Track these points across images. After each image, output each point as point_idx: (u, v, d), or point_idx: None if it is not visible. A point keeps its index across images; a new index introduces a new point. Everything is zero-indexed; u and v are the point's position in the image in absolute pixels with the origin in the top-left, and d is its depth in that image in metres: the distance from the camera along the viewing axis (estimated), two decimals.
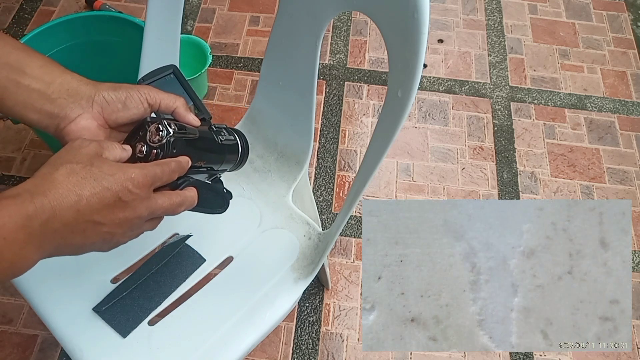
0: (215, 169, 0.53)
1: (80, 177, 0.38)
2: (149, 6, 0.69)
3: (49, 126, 0.45)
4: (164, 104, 0.48)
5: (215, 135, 0.52)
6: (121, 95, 0.46)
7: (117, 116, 0.46)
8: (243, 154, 0.56)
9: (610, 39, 1.42)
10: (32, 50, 0.45)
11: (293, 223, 0.72)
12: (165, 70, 0.54)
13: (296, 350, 0.95)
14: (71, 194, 0.38)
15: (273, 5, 1.43)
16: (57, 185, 0.37)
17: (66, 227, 0.38)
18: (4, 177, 1.12)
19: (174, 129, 0.45)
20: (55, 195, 0.37)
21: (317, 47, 0.63)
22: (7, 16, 1.38)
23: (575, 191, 1.16)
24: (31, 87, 0.43)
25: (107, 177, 0.39)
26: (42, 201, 0.37)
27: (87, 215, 0.38)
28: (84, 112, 0.44)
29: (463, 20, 1.45)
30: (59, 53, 1.10)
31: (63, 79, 0.44)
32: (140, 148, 0.45)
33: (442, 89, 1.31)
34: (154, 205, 0.43)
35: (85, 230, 0.39)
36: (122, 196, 0.40)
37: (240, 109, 1.24)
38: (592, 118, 1.27)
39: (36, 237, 0.37)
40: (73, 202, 0.38)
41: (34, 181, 0.38)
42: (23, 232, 0.36)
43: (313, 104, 0.69)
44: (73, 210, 0.38)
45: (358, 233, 1.08)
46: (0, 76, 0.42)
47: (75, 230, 0.39)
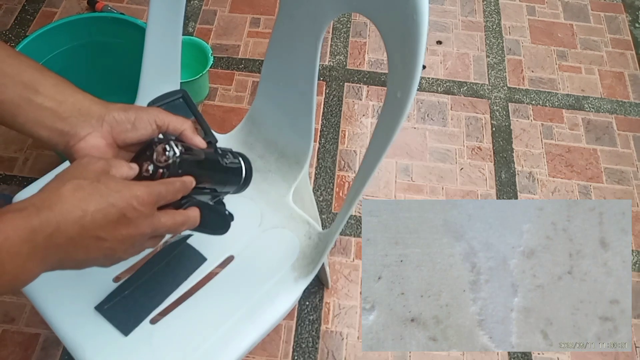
0: (218, 191, 0.54)
1: (87, 192, 0.39)
2: (150, 8, 0.69)
3: (59, 143, 0.45)
4: (172, 126, 0.49)
5: (220, 158, 0.53)
6: (131, 116, 0.47)
7: (125, 136, 0.47)
8: (246, 177, 0.57)
9: (608, 40, 1.43)
10: (46, 69, 0.46)
11: (293, 222, 0.73)
12: (175, 95, 0.56)
13: (296, 348, 0.95)
14: (76, 209, 0.38)
15: (274, 7, 1.43)
16: (63, 200, 0.38)
17: (70, 241, 0.38)
18: (6, 177, 1.12)
19: (180, 150, 0.46)
20: (61, 209, 0.38)
21: (317, 48, 0.63)
22: (9, 17, 1.38)
23: (572, 191, 1.17)
24: (43, 105, 0.44)
25: (112, 193, 0.40)
26: (48, 215, 0.37)
27: (91, 230, 0.39)
28: (93, 130, 0.46)
29: (461, 21, 1.45)
30: (60, 55, 1.10)
31: (75, 98, 0.45)
32: (146, 167, 0.46)
33: (440, 89, 1.32)
34: (157, 223, 0.43)
35: (88, 246, 0.40)
36: (126, 213, 0.40)
37: (241, 109, 1.25)
38: (590, 118, 1.28)
39: (40, 251, 0.37)
40: (78, 217, 0.38)
41: (41, 195, 0.39)
42: (27, 246, 0.36)
43: (313, 105, 0.69)
44: (77, 226, 0.38)
45: (358, 232, 1.09)
46: (14, 94, 0.43)
47: (78, 245, 0.39)
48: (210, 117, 1.23)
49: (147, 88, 0.77)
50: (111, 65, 1.13)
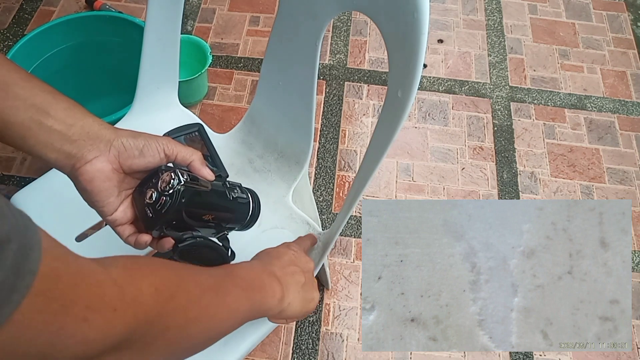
0: (223, 226, 0.53)
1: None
2: (149, 6, 0.69)
3: (65, 166, 0.46)
4: (181, 156, 0.49)
5: (227, 191, 0.52)
6: (139, 143, 0.47)
7: (132, 162, 0.47)
8: (254, 213, 0.55)
9: (610, 39, 1.42)
10: (58, 92, 0.46)
11: (293, 223, 0.72)
12: (191, 128, 0.56)
13: (296, 350, 0.95)
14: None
15: (273, 5, 1.43)
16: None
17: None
18: (4, 177, 1.12)
19: (185, 179, 0.46)
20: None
21: (317, 47, 0.63)
22: (7, 16, 1.38)
23: (575, 191, 1.16)
24: (53, 128, 0.44)
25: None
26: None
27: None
28: (100, 154, 0.46)
29: (463, 20, 1.45)
30: (59, 53, 1.10)
31: (84, 121, 0.46)
32: (150, 194, 0.46)
33: (442, 89, 1.31)
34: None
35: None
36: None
37: (240, 109, 1.24)
38: (592, 118, 1.28)
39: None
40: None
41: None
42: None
43: (313, 104, 0.69)
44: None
45: (358, 233, 1.08)
46: (25, 117, 0.43)
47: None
48: (209, 117, 1.23)
49: (145, 87, 0.76)
50: (109, 64, 1.13)
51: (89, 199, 0.47)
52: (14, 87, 0.43)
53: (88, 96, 0.97)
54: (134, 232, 0.49)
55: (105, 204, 0.47)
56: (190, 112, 0.82)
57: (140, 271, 0.36)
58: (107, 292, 0.32)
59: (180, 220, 0.47)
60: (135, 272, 0.36)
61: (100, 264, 0.33)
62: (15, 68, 0.45)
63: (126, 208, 0.48)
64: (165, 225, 0.47)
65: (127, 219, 0.48)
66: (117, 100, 0.96)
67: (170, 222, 0.46)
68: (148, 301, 0.35)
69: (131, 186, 0.49)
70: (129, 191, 0.49)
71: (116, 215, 0.48)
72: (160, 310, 0.36)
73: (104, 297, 0.31)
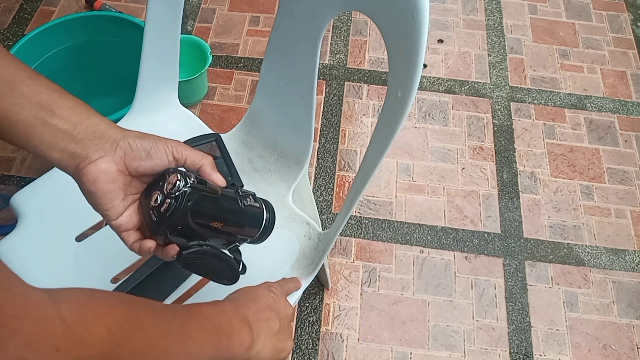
0: (234, 236, 0.50)
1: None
2: (149, 6, 0.69)
3: (69, 166, 0.44)
4: (190, 160, 0.47)
5: (239, 199, 0.49)
6: (147, 144, 0.45)
7: (138, 164, 0.45)
8: (267, 223, 0.51)
9: (610, 39, 1.42)
10: (65, 91, 0.45)
11: (293, 223, 0.72)
12: (208, 137, 0.55)
13: (296, 350, 0.95)
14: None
15: (273, 5, 1.43)
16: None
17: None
18: (4, 177, 1.12)
19: (192, 182, 0.44)
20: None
21: (317, 47, 0.63)
22: (7, 16, 1.38)
23: (575, 191, 1.16)
24: (58, 127, 0.43)
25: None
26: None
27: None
28: (106, 155, 0.44)
29: (463, 20, 1.45)
30: (59, 53, 1.10)
31: (91, 121, 0.44)
32: (156, 197, 0.44)
33: (442, 89, 1.31)
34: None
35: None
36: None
37: (240, 109, 1.24)
38: (592, 118, 1.27)
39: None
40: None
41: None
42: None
43: (313, 104, 0.69)
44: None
45: (358, 233, 1.08)
46: (30, 115, 0.42)
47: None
48: (209, 117, 1.23)
49: (145, 87, 0.76)
50: (109, 64, 1.13)
51: (92, 201, 0.45)
52: (19, 85, 0.42)
53: (88, 96, 0.96)
54: (139, 238, 0.46)
55: (109, 207, 0.45)
56: (190, 112, 0.82)
57: (94, 309, 0.34)
58: (52, 330, 0.29)
59: (186, 226, 0.44)
60: (88, 309, 0.33)
61: (53, 298, 0.30)
62: (22, 66, 0.44)
63: (132, 213, 0.46)
64: (170, 229, 0.44)
65: (132, 224, 0.46)
66: (117, 100, 0.96)
67: (176, 226, 0.44)
68: (97, 344, 0.32)
69: (138, 190, 0.47)
70: (135, 196, 0.47)
71: (121, 220, 0.45)
72: (111, 354, 0.33)
73: (47, 336, 0.29)
